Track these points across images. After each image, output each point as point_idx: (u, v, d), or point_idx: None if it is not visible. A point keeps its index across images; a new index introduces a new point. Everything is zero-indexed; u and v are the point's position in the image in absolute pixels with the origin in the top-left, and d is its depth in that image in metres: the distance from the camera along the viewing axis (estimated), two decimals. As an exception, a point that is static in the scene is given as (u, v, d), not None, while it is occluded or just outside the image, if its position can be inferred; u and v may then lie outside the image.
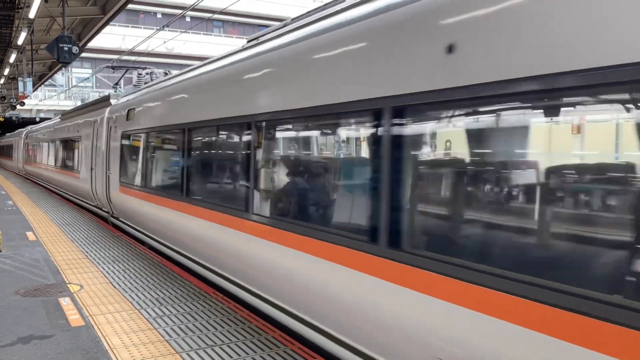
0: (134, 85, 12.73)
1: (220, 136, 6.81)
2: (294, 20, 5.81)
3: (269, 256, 5.14)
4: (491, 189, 3.16)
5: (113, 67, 16.05)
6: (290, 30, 5.43)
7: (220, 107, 6.36)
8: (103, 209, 13.17)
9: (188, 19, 48.05)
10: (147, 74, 13.08)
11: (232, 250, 6.00)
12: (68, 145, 17.94)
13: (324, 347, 4.53)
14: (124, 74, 15.64)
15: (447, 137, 3.44)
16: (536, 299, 2.69)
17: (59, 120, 21.36)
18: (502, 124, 3.09)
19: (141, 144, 9.65)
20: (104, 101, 13.78)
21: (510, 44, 2.85)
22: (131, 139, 10.44)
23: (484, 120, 3.21)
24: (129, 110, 10.68)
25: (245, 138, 5.84)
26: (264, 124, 5.48)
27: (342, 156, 4.62)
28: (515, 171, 3.03)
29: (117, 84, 15.19)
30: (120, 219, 11.61)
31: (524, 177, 2.96)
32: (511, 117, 3.04)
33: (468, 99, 3.09)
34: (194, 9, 19.42)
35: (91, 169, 13.78)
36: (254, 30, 56.47)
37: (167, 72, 12.64)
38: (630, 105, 2.48)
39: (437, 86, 3.25)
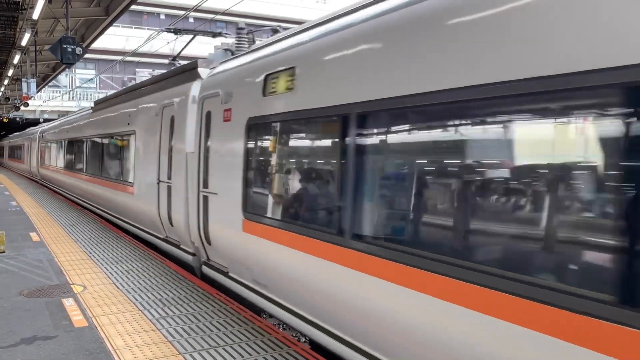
0: (227, 50, 8.34)
1: None
2: None
3: None
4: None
5: (175, 32, 12.53)
6: None
7: None
8: (183, 247, 8.08)
9: (191, 20, 48.15)
10: (249, 32, 8.93)
11: None
12: (109, 144, 12.74)
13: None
14: (190, 39, 11.66)
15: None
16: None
17: (90, 111, 15.92)
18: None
19: (343, 140, 4.25)
20: (186, 72, 8.61)
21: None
22: (289, 130, 5.37)
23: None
24: (268, 77, 5.55)
25: None
26: None
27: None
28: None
29: (175, 58, 11.37)
30: (232, 275, 6.46)
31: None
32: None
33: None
34: (197, 10, 19.45)
35: (158, 180, 8.92)
36: (257, 32, 56.37)
37: (278, 28, 8.53)
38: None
39: None
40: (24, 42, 16.73)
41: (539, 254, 2.92)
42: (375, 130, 4.19)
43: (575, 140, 2.79)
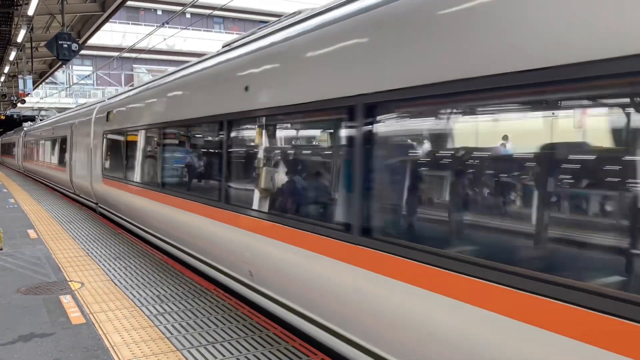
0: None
1: None
2: None
3: None
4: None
5: None
6: None
7: None
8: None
9: (188, 16, 47.95)
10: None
11: None
12: None
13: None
14: None
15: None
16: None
17: None
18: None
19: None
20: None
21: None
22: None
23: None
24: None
25: None
26: None
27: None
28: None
29: None
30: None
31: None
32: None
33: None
34: (194, 6, 19.36)
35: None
36: (254, 27, 56.28)
37: None
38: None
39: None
40: (19, 39, 16.66)
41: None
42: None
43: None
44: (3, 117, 39.45)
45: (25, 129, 32.77)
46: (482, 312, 2.94)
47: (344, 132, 4.26)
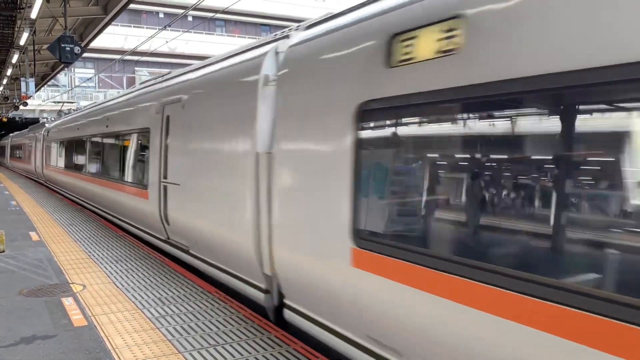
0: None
1: None
2: None
3: None
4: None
5: None
6: None
7: None
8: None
9: (190, 19, 48.10)
10: None
11: None
12: None
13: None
14: None
15: None
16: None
17: None
18: None
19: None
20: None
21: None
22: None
23: None
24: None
25: None
26: None
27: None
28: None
29: None
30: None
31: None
32: None
33: None
34: (196, 9, 19.42)
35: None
36: (256, 30, 56.43)
37: None
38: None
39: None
40: (22, 42, 16.71)
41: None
42: None
43: None
44: (5, 120, 39.56)
45: (47, 125, 25.24)
46: None
47: None
